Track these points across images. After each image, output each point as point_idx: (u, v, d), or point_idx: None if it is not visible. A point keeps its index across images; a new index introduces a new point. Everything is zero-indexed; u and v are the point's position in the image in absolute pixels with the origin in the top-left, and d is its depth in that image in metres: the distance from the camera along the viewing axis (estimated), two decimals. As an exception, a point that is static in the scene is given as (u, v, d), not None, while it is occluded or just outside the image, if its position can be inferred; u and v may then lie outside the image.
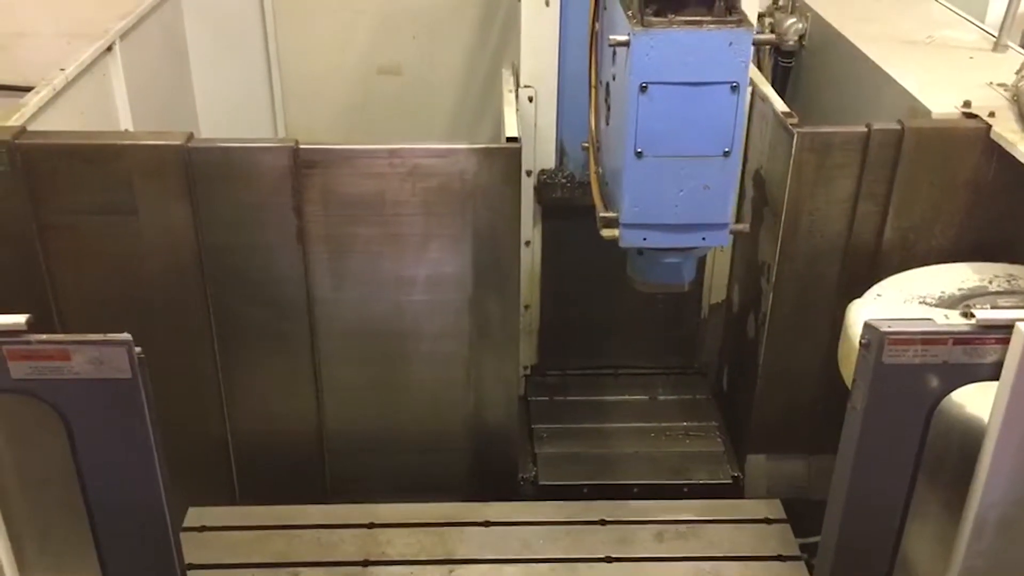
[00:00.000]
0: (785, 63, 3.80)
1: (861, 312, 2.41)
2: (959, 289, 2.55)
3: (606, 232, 2.37)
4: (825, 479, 3.12)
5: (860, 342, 1.87)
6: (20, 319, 1.67)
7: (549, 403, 3.54)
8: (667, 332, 3.63)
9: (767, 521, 2.92)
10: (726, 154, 2.19)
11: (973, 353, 1.80)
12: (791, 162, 2.73)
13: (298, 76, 4.10)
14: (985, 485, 1.85)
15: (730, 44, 2.06)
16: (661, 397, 3.57)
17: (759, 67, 3.91)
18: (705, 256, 3.42)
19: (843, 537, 2.05)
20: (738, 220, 3.23)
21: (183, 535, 2.41)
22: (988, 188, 2.73)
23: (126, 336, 1.70)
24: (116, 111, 3.26)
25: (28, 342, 1.67)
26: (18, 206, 2.58)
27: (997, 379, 1.79)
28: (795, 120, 2.78)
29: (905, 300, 2.51)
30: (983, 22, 3.51)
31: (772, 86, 3.82)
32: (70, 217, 2.63)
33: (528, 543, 2.82)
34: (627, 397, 3.57)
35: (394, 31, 4.06)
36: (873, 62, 3.11)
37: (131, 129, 3.30)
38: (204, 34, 4.05)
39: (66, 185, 2.60)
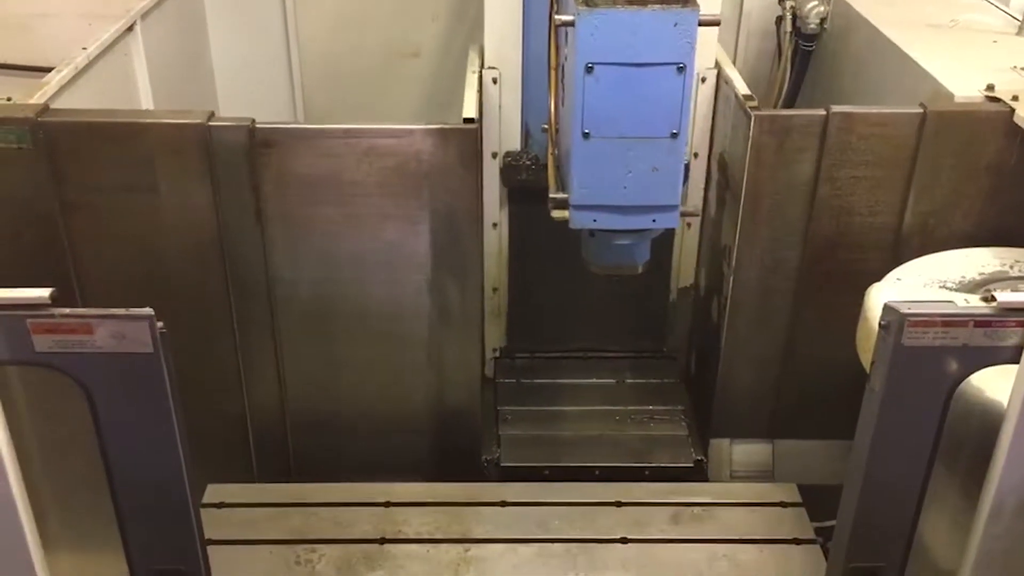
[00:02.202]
0: (806, 47, 3.78)
1: (881, 295, 2.40)
2: (979, 274, 2.54)
3: (556, 213, 2.38)
4: (789, 464, 3.17)
5: (880, 324, 1.86)
6: (44, 293, 1.69)
7: (516, 385, 3.54)
8: (637, 315, 3.63)
9: (783, 505, 2.91)
10: (674, 135, 2.18)
11: (993, 336, 1.79)
12: (749, 145, 2.72)
13: (317, 56, 4.10)
14: (1003, 469, 1.83)
15: (675, 24, 2.06)
16: (629, 381, 3.57)
17: (779, 50, 3.90)
18: (673, 239, 3.42)
19: (859, 520, 2.05)
20: (704, 203, 3.25)
21: (203, 511, 2.43)
22: (1010, 172, 2.71)
23: (148, 311, 1.72)
24: (137, 90, 3.28)
25: (52, 315, 1.69)
26: (41, 183, 2.60)
27: (1017, 362, 1.78)
28: (755, 103, 2.77)
29: (925, 284, 2.50)
30: (1007, 6, 3.47)
31: (792, 70, 3.83)
32: (92, 195, 2.66)
33: (544, 523, 2.83)
34: (594, 380, 3.56)
35: (414, 12, 4.05)
36: (896, 46, 3.08)
37: (151, 108, 3.31)
38: (224, 14, 4.05)
39: (88, 163, 2.62)
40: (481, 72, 3.12)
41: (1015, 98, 2.66)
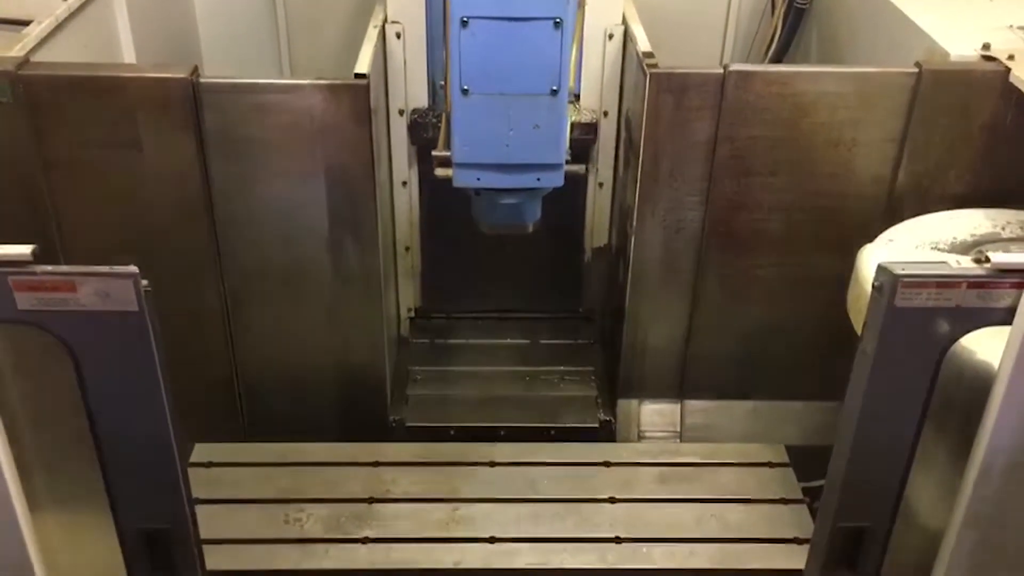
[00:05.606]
0: (800, 4, 3.74)
1: (873, 256, 2.39)
2: (971, 235, 2.53)
3: (440, 171, 2.36)
4: (698, 424, 3.18)
5: (873, 285, 1.84)
6: (25, 250, 1.65)
7: (429, 345, 3.52)
8: (553, 276, 3.60)
9: (770, 465, 2.93)
10: (554, 92, 2.16)
11: (987, 297, 1.78)
12: (646, 103, 2.68)
13: (303, 8, 4.02)
14: (993, 430, 1.83)
15: None
16: (543, 341, 3.55)
17: (773, 8, 3.85)
18: (585, 198, 3.38)
19: (847, 481, 2.05)
20: (615, 163, 3.20)
21: (190, 471, 2.41)
22: (1004, 133, 2.69)
23: (132, 269, 1.68)
24: (119, 44, 3.21)
25: (34, 273, 1.66)
26: (21, 138, 2.56)
27: (1009, 323, 1.77)
28: (653, 61, 2.71)
29: (917, 245, 2.49)
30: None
31: (784, 26, 3.79)
32: (74, 150, 2.61)
33: (533, 483, 2.84)
34: (509, 341, 3.54)
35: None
36: (892, 3, 3.04)
37: (134, 62, 3.25)
38: (207, -34, 3.96)
39: (70, 117, 2.56)
40: (384, 26, 3.03)
41: (1011, 57, 2.63)
